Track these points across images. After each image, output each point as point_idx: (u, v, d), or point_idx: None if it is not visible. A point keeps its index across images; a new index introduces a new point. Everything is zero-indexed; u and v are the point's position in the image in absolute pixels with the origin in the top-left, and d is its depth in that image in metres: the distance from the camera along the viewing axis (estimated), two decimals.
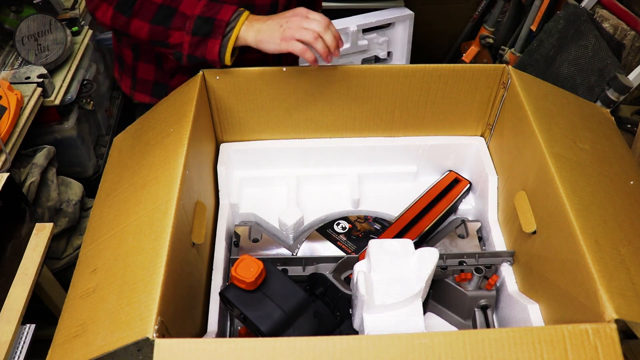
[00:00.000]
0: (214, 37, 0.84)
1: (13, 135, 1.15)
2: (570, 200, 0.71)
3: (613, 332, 0.57)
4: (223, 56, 0.86)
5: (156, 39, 0.87)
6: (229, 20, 0.84)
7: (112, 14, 0.87)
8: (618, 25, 1.48)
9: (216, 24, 0.84)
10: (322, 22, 0.85)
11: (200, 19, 0.84)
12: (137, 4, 0.86)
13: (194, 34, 0.84)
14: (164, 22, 0.85)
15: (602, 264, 0.64)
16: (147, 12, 0.86)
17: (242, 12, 0.86)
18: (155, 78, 1.07)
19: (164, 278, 0.63)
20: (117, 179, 0.86)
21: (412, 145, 1.04)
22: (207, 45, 0.85)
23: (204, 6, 0.85)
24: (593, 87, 1.44)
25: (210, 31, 0.84)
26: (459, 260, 0.86)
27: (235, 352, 0.55)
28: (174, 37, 0.86)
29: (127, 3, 0.86)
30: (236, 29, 0.85)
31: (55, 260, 1.27)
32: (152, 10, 0.85)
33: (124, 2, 0.86)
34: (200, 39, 0.85)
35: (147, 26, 0.86)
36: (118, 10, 0.87)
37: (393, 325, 0.72)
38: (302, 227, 0.99)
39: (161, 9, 0.85)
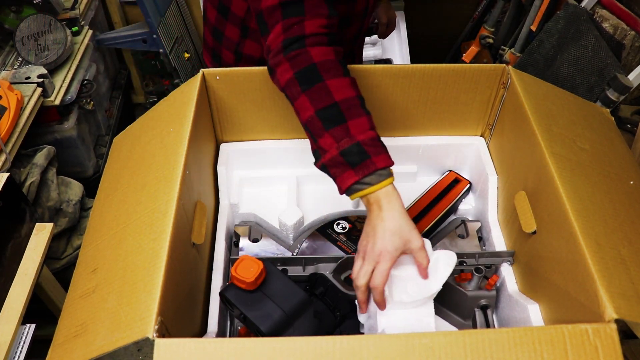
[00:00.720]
0: (356, 171, 0.75)
1: (13, 135, 1.15)
2: (571, 200, 0.71)
3: (613, 332, 0.57)
4: (348, 194, 0.78)
5: (310, 128, 0.80)
6: (378, 169, 0.75)
7: (290, 80, 0.80)
8: (618, 25, 1.48)
9: (367, 162, 0.75)
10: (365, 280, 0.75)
11: (357, 146, 0.75)
12: (316, 86, 0.78)
13: (342, 155, 0.76)
14: (326, 122, 0.77)
15: (602, 264, 0.64)
16: (320, 101, 0.78)
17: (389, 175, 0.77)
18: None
19: (164, 278, 0.63)
20: (117, 179, 0.86)
21: (412, 145, 1.04)
22: (344, 173, 0.76)
23: (370, 139, 0.76)
24: (593, 87, 1.44)
25: (357, 164, 0.75)
26: (459, 260, 0.86)
27: (235, 352, 0.56)
28: (324, 140, 0.78)
29: (308, 77, 0.79)
30: (376, 186, 0.75)
31: (55, 260, 1.27)
32: (324, 102, 0.77)
33: (306, 74, 0.79)
34: (343, 162, 0.76)
35: (312, 112, 0.78)
36: (296, 78, 0.79)
37: (406, 324, 0.72)
38: (302, 227, 0.99)
39: (333, 108, 0.77)
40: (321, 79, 0.78)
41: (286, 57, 0.79)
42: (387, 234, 0.74)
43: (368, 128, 0.77)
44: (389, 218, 0.75)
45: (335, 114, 0.77)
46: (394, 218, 0.75)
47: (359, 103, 0.79)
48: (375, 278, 0.73)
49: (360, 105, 0.79)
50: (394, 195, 0.76)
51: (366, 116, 0.78)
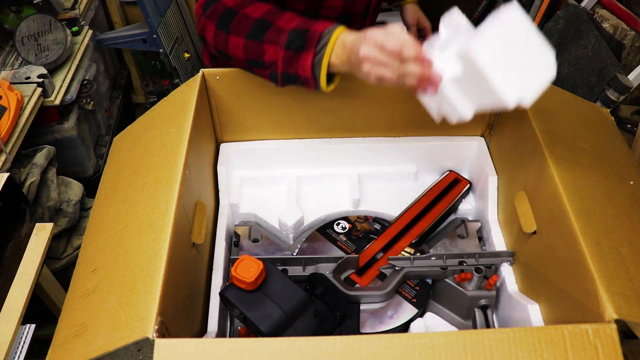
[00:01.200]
0: (306, 50, 0.77)
1: (13, 135, 1.15)
2: (571, 200, 0.71)
3: (613, 332, 0.57)
4: (318, 74, 0.78)
5: (251, 56, 0.83)
6: (323, 32, 0.77)
7: (214, 32, 0.86)
8: (618, 25, 1.48)
9: (309, 36, 0.78)
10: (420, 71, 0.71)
11: (295, 32, 0.79)
12: (235, 19, 0.84)
13: (287, 48, 0.78)
14: (258, 35, 0.82)
15: (602, 264, 0.64)
16: (244, 27, 0.83)
17: (337, 26, 0.78)
18: None
19: (163, 278, 0.63)
20: (117, 179, 0.86)
21: (412, 145, 1.04)
22: (299, 59, 0.78)
23: (301, 21, 0.80)
24: (593, 87, 1.44)
25: (304, 44, 0.78)
26: (459, 260, 0.86)
27: (235, 352, 0.56)
28: (268, 54, 0.81)
29: (226, 19, 0.84)
30: (329, 42, 0.77)
31: (55, 260, 1.27)
32: (248, 25, 0.83)
33: (223, 18, 0.85)
34: (293, 53, 0.78)
35: (242, 41, 0.83)
36: (218, 27, 0.85)
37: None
38: (302, 227, 0.99)
39: (257, 23, 0.82)
40: (236, 13, 0.83)
41: (206, 17, 0.86)
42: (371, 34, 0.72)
43: (295, 17, 0.81)
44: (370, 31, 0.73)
45: (261, 25, 0.81)
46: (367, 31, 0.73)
47: (278, 9, 0.83)
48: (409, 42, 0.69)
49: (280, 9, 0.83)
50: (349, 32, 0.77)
51: (290, 13, 0.82)
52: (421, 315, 0.86)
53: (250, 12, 0.83)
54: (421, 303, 0.86)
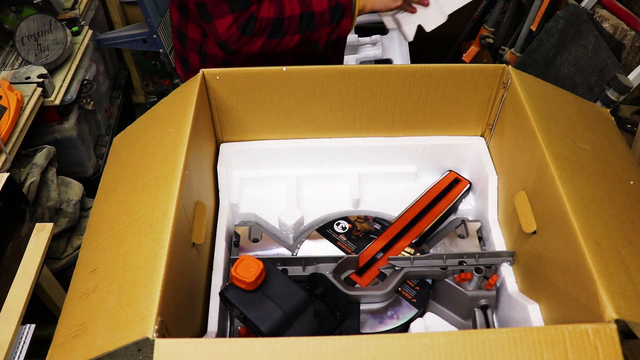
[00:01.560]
0: (346, 17, 1.04)
1: (13, 135, 1.15)
2: (571, 200, 0.71)
3: (613, 332, 0.57)
4: (352, 26, 1.07)
5: (301, 43, 1.04)
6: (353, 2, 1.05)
7: (264, 43, 1.02)
8: (618, 25, 1.48)
9: (344, 7, 1.03)
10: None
11: (331, 9, 1.02)
12: (285, 23, 1.01)
13: (331, 23, 1.03)
14: (310, 26, 1.02)
15: (602, 264, 0.64)
16: (295, 26, 1.01)
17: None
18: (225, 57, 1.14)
19: (163, 278, 0.63)
20: (117, 179, 0.86)
21: (412, 145, 1.04)
22: (341, 25, 1.04)
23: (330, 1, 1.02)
24: (593, 87, 1.44)
25: (343, 13, 1.04)
26: (459, 260, 0.86)
27: (235, 352, 0.56)
28: (315, 35, 1.04)
29: (277, 27, 1.01)
30: (356, 3, 1.05)
31: (55, 260, 1.27)
32: (297, 23, 1.01)
33: (275, 28, 1.00)
34: (336, 24, 1.04)
35: (298, 37, 1.03)
36: (270, 37, 1.01)
37: None
38: (302, 227, 0.99)
39: (303, 18, 1.01)
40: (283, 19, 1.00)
41: (253, 35, 1.00)
42: None
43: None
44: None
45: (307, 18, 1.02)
46: None
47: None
48: None
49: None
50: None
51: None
52: (421, 315, 0.86)
53: (290, 11, 1.00)
54: (421, 303, 0.86)
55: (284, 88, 0.94)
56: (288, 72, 0.92)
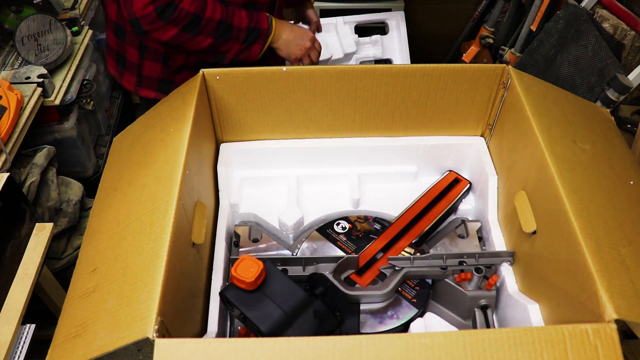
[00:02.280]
0: (258, 42, 1.07)
1: (13, 135, 1.15)
2: (571, 200, 0.71)
3: (613, 332, 0.57)
4: (259, 55, 1.09)
5: (210, 50, 1.04)
6: (267, 28, 1.07)
7: (176, 34, 1.00)
8: (618, 25, 1.48)
9: (261, 33, 1.06)
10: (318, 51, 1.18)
11: (249, 29, 1.04)
12: (202, 23, 1.00)
13: (244, 42, 1.05)
14: (224, 35, 1.02)
15: (602, 264, 0.64)
16: (210, 29, 1.01)
17: (272, 19, 1.09)
18: (161, 75, 1.15)
19: (164, 278, 0.63)
20: (117, 179, 0.86)
21: (412, 145, 1.04)
22: (252, 49, 1.07)
23: (247, 17, 1.04)
24: (593, 87, 1.44)
25: (257, 38, 1.06)
26: (459, 260, 0.86)
27: (235, 352, 0.56)
28: (226, 46, 1.04)
29: (193, 24, 0.99)
30: (271, 35, 1.09)
31: (55, 260, 1.27)
32: (213, 27, 1.01)
33: (191, 23, 0.99)
34: (248, 45, 1.06)
35: (209, 41, 1.02)
36: (184, 30, 0.99)
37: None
38: (302, 227, 0.99)
39: (220, 25, 1.01)
40: (202, 18, 0.99)
41: (167, 22, 0.97)
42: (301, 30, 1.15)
43: (239, 12, 1.04)
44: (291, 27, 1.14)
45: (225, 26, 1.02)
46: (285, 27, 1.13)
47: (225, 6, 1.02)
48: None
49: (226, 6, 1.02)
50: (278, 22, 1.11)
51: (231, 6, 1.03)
52: (421, 315, 0.86)
53: (211, 14, 1.00)
54: (421, 303, 0.86)
55: (284, 88, 0.94)
56: (288, 72, 0.93)
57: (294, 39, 1.12)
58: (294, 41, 1.12)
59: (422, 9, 2.16)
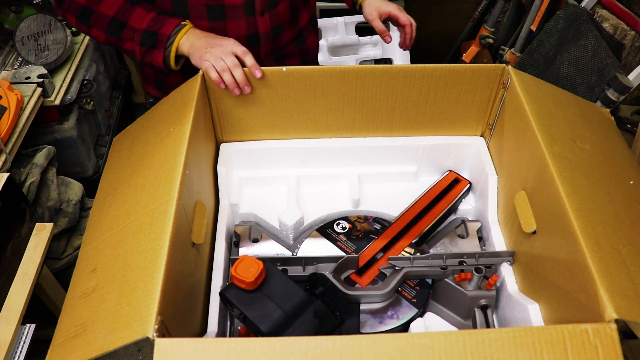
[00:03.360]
0: (157, 48, 0.94)
1: (13, 135, 1.15)
2: (571, 200, 0.71)
3: (613, 332, 0.57)
4: (168, 63, 0.95)
5: (112, 45, 0.99)
6: (169, 35, 0.94)
7: (76, 24, 0.98)
8: (618, 25, 1.48)
9: (159, 38, 0.94)
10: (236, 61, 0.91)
11: (146, 32, 0.94)
12: (93, 17, 0.96)
13: (142, 45, 0.95)
14: (115, 33, 0.96)
15: (602, 264, 0.64)
16: (102, 24, 0.96)
17: (183, 27, 0.95)
18: (155, 74, 1.14)
19: (163, 278, 0.63)
20: (116, 179, 0.86)
21: (412, 145, 1.04)
22: (153, 54, 0.95)
23: (151, 20, 0.94)
24: (593, 87, 1.44)
25: (155, 43, 0.94)
26: (459, 260, 0.86)
27: (235, 352, 0.56)
28: (127, 45, 0.97)
29: (84, 16, 0.96)
30: (175, 42, 0.94)
31: (55, 260, 1.27)
32: (105, 23, 0.95)
33: (82, 15, 0.96)
34: (147, 49, 0.95)
35: (103, 35, 0.97)
36: (78, 20, 0.97)
37: None
38: (302, 227, 0.99)
39: (113, 22, 0.95)
40: (92, 11, 0.95)
41: (64, 11, 0.98)
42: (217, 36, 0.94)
43: (145, 14, 0.94)
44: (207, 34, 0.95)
45: (117, 24, 0.95)
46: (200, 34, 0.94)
47: (130, 4, 0.95)
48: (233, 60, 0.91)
49: (132, 3, 0.95)
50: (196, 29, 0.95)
51: (139, 8, 0.95)
52: (421, 315, 0.86)
53: (104, 9, 0.95)
54: (421, 303, 0.86)
55: (284, 88, 0.94)
56: (288, 72, 0.93)
57: (204, 40, 0.93)
58: (203, 43, 0.93)
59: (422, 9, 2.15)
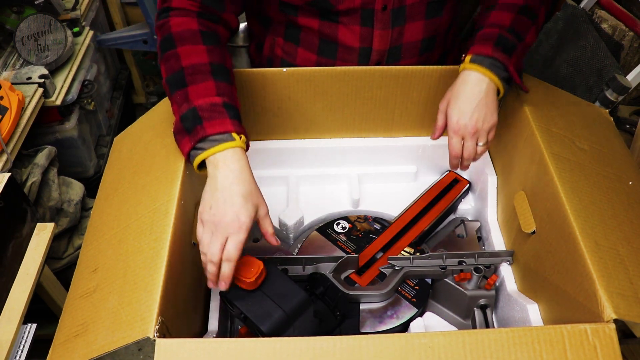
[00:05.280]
0: (190, 137, 0.73)
1: (14, 136, 1.15)
2: (570, 200, 0.71)
3: (612, 332, 0.57)
4: (191, 161, 0.75)
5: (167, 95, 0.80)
6: (207, 136, 0.72)
7: (158, 46, 0.82)
8: (617, 25, 1.48)
9: (197, 128, 0.72)
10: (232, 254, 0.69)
11: (193, 112, 0.73)
12: (169, 53, 0.78)
13: (181, 120, 0.75)
14: (172, 87, 0.77)
15: (601, 264, 0.64)
16: (169, 68, 0.78)
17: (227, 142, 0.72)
18: None
19: (164, 278, 0.63)
20: (117, 179, 0.86)
21: (412, 145, 1.04)
22: (183, 139, 0.75)
23: (210, 104, 0.73)
24: (592, 87, 1.44)
25: (190, 129, 0.73)
26: (459, 260, 0.86)
27: (235, 352, 0.56)
28: (172, 107, 0.79)
29: (165, 46, 0.80)
30: (206, 152, 0.72)
31: (56, 260, 1.27)
32: (172, 69, 0.78)
33: (164, 44, 0.80)
34: (182, 127, 0.75)
35: (164, 77, 0.79)
36: (160, 47, 0.81)
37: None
38: (302, 227, 0.99)
39: (178, 73, 0.77)
40: (174, 47, 0.78)
41: (157, 26, 0.83)
42: (236, 199, 0.69)
43: (213, 93, 0.74)
44: (234, 181, 0.70)
45: (179, 79, 0.76)
46: (241, 181, 0.70)
47: (209, 69, 0.76)
48: (230, 252, 0.68)
49: (211, 71, 0.76)
50: (235, 158, 0.71)
51: (214, 81, 0.75)
52: (421, 314, 0.86)
53: (182, 54, 0.77)
54: (421, 303, 0.86)
55: (284, 89, 0.95)
56: (288, 73, 0.93)
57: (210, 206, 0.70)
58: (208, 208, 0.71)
59: None
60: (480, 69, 0.79)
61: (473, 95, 0.79)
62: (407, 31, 0.92)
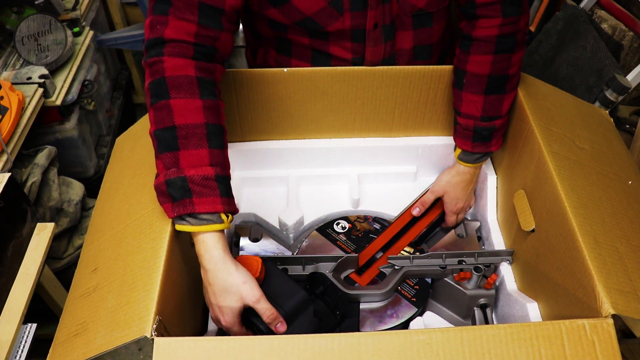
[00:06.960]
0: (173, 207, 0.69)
1: (14, 136, 1.15)
2: (569, 198, 0.71)
3: (610, 327, 0.57)
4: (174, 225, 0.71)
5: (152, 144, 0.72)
6: (195, 213, 0.68)
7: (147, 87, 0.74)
8: (617, 26, 1.49)
9: (185, 202, 0.68)
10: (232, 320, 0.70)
11: (183, 181, 0.68)
12: (160, 103, 0.71)
13: (166, 184, 0.68)
14: (161, 144, 0.70)
15: (600, 260, 0.64)
16: (160, 120, 0.70)
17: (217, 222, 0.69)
18: None
19: (162, 278, 0.63)
20: (118, 179, 0.86)
21: (412, 145, 1.04)
22: (165, 204, 0.70)
23: (203, 177, 0.69)
24: (592, 87, 1.44)
25: (178, 199, 0.68)
26: (459, 259, 0.86)
27: (234, 350, 0.56)
28: (157, 163, 0.72)
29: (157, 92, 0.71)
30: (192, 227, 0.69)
31: (56, 260, 1.27)
32: (164, 123, 0.70)
33: (155, 87, 0.72)
34: (166, 192, 0.69)
35: (152, 130, 0.72)
36: (150, 89, 0.73)
37: None
38: (302, 227, 0.99)
39: (170, 131, 0.70)
40: (167, 97, 0.70)
41: (146, 63, 0.73)
42: (219, 292, 0.69)
43: (206, 163, 0.69)
44: (213, 277, 0.69)
45: (170, 139, 0.69)
46: (217, 276, 0.69)
47: (205, 132, 0.70)
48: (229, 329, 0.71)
49: (207, 135, 0.70)
50: (214, 245, 0.69)
51: (208, 149, 0.70)
52: (421, 314, 0.86)
53: (176, 109, 0.70)
54: (421, 302, 0.86)
55: (284, 89, 0.95)
56: (289, 73, 0.93)
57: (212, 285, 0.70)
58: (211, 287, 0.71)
59: None
60: (468, 165, 0.96)
61: (464, 183, 0.98)
62: (398, 41, 0.93)
